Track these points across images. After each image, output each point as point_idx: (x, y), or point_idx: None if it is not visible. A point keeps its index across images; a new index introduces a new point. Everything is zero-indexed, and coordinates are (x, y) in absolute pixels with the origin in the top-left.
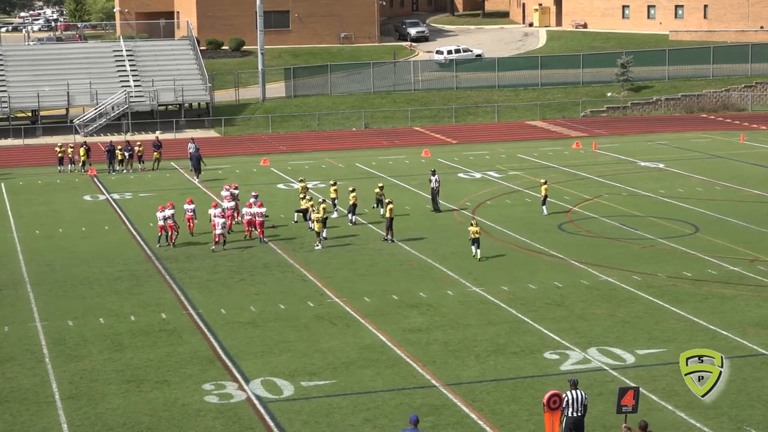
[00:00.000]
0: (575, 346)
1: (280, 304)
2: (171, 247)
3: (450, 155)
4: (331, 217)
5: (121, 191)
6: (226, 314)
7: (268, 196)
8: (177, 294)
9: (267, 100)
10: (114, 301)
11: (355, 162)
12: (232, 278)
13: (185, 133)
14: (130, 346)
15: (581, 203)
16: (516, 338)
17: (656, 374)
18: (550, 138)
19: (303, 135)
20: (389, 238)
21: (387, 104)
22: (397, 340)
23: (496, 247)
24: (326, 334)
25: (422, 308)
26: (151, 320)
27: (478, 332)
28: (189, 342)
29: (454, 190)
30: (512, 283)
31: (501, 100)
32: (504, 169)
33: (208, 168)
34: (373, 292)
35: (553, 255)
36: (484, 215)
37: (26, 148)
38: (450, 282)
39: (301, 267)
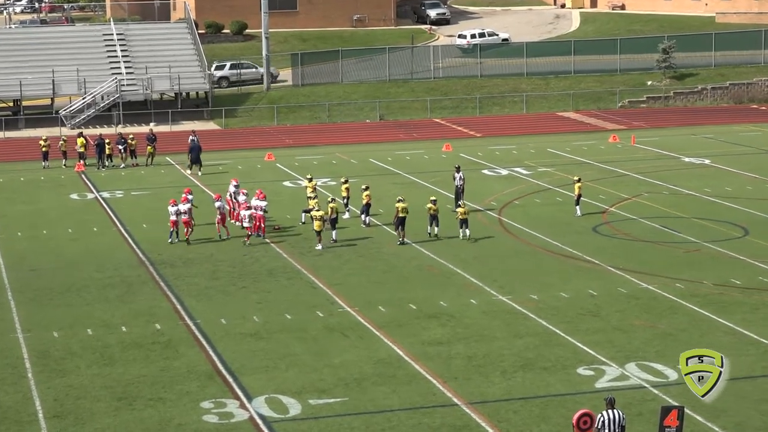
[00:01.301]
0: (612, 360)
1: (286, 314)
2: (186, 244)
3: (473, 150)
4: (342, 217)
5: (112, 189)
6: (227, 325)
7: (273, 194)
8: (173, 302)
9: (272, 89)
10: (104, 310)
11: (369, 157)
12: (234, 285)
13: (182, 125)
14: (121, 359)
15: (618, 203)
16: (546, 352)
17: None
18: (584, 131)
19: (311, 127)
20: (402, 240)
21: (404, 94)
22: (415, 353)
23: (525, 251)
24: (337, 347)
25: (443, 319)
26: (145, 331)
27: (505, 345)
28: (186, 355)
29: (478, 189)
30: (542, 292)
31: (530, 89)
32: (533, 166)
33: (207, 163)
34: (388, 300)
35: (588, 260)
36: (511, 216)
37: (7, 141)
38: (473, 290)
39: (310, 273)
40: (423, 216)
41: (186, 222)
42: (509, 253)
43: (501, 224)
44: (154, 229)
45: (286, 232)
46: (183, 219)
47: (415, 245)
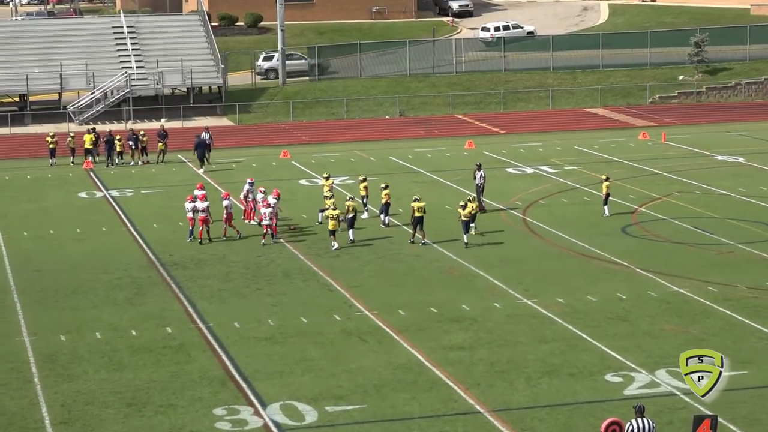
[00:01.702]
0: (641, 367)
1: (302, 317)
2: (208, 242)
3: (497, 147)
4: (361, 217)
5: (121, 187)
6: (241, 328)
7: (289, 193)
8: (184, 305)
9: (288, 83)
10: (112, 312)
11: (389, 155)
12: (248, 287)
13: (194, 121)
14: (131, 364)
15: (648, 203)
16: (573, 358)
17: (735, 400)
18: (613, 128)
19: (329, 124)
20: (415, 239)
21: (425, 89)
22: (436, 359)
23: (550, 252)
24: (355, 352)
25: (465, 323)
26: (155, 335)
27: (530, 351)
28: (198, 360)
29: (502, 188)
30: (569, 295)
31: (556, 84)
32: (559, 164)
33: (219, 162)
34: (408, 303)
35: (616, 262)
36: (536, 216)
37: (13, 137)
38: (497, 293)
39: (326, 275)
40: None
41: (204, 219)
42: (534, 255)
43: (526, 224)
44: (165, 229)
45: (302, 233)
46: (200, 217)
47: (436, 246)
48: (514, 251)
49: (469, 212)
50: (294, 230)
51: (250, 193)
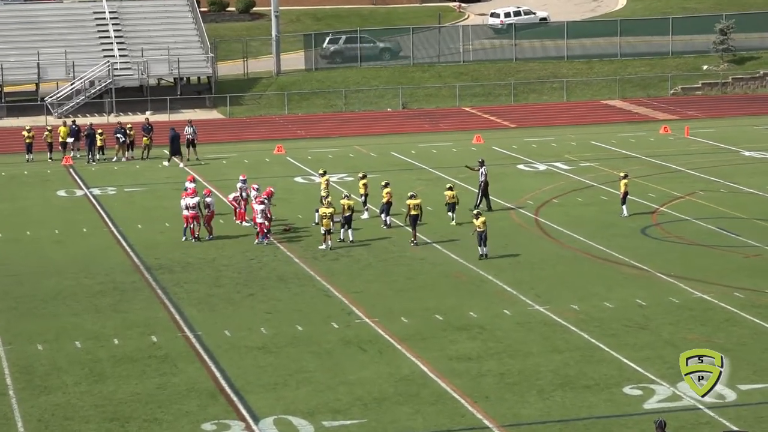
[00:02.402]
0: (662, 379)
1: (297, 325)
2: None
3: (508, 142)
4: (360, 217)
5: (103, 185)
6: (231, 337)
7: (284, 191)
8: (170, 312)
9: (282, 73)
10: (94, 320)
11: (391, 150)
12: (239, 293)
13: (181, 113)
14: (113, 375)
15: (670, 202)
16: (589, 369)
17: (763, 414)
18: (632, 121)
19: (326, 117)
20: (413, 240)
21: (430, 79)
22: (442, 370)
23: (565, 255)
24: (354, 363)
25: (473, 331)
26: (139, 344)
27: (542, 361)
28: (185, 371)
29: (512, 186)
30: (584, 301)
31: (571, 74)
32: (574, 160)
33: (208, 156)
34: (412, 310)
35: (635, 266)
36: (549, 216)
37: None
38: (507, 299)
39: (324, 279)
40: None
41: (194, 216)
42: (547, 258)
43: (538, 225)
44: (150, 230)
45: (297, 234)
46: (191, 213)
47: (441, 248)
48: (526, 254)
49: (483, 222)
50: (289, 231)
51: (243, 191)
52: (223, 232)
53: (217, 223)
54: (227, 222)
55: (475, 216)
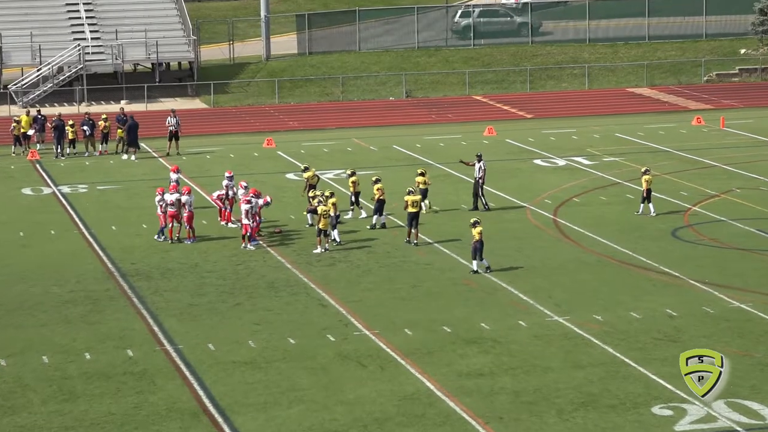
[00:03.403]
0: (695, 397)
1: (289, 338)
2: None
3: (523, 134)
4: (344, 217)
5: (73, 182)
6: (216, 351)
7: (275, 189)
8: (148, 323)
9: (272, 58)
10: (63, 332)
11: (393, 143)
12: (225, 302)
13: (160, 103)
14: (85, 394)
15: (704, 201)
16: (613, 386)
17: None
18: (661, 111)
19: (321, 106)
20: (409, 239)
21: (436, 64)
22: (450, 388)
23: (587, 260)
24: (353, 380)
25: (484, 344)
26: (114, 359)
27: (562, 378)
28: (165, 389)
29: (528, 183)
30: (608, 311)
31: (593, 59)
32: (597, 154)
33: (190, 152)
34: (417, 321)
35: (665, 272)
36: (569, 216)
37: None
38: (523, 308)
39: (319, 287)
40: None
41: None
42: (567, 264)
43: (557, 227)
44: (126, 233)
45: (289, 236)
46: (170, 212)
47: (449, 252)
48: (543, 259)
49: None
50: (280, 233)
51: (229, 188)
52: (207, 234)
53: (200, 225)
54: (212, 223)
55: (473, 224)
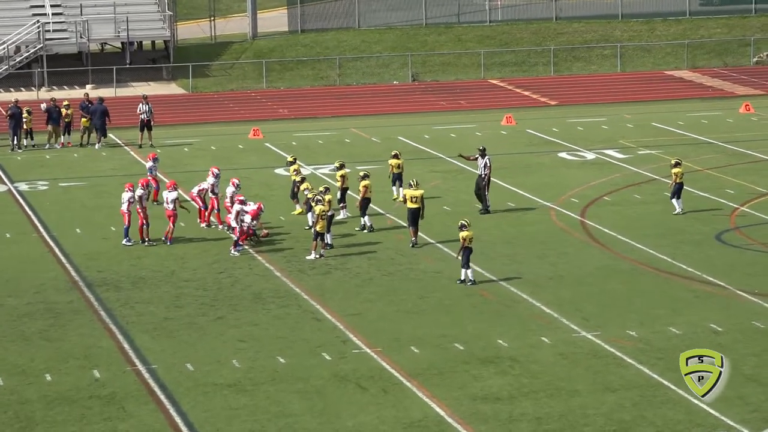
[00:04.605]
0: (743, 424)
1: (278, 357)
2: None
3: (546, 124)
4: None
5: (32, 179)
6: (195, 372)
7: (262, 187)
8: (118, 340)
9: (259, 36)
10: (19, 351)
11: (398, 134)
12: (205, 315)
13: (131, 87)
14: (45, 421)
15: (753, 200)
16: (650, 412)
17: None
18: (704, 97)
19: (315, 92)
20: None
21: (447, 44)
22: (463, 413)
23: (619, 268)
24: (351, 404)
25: (502, 364)
26: (78, 381)
27: (590, 402)
28: (136, 415)
29: (552, 179)
30: (644, 326)
31: (626, 37)
32: (631, 146)
33: (165, 144)
34: (424, 338)
35: (709, 281)
36: (599, 218)
37: None
38: (546, 323)
39: (312, 298)
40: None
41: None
42: (597, 271)
43: (585, 229)
44: (92, 236)
45: (277, 240)
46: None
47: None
48: (569, 266)
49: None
50: (266, 237)
51: (215, 186)
52: (184, 236)
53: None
54: (189, 225)
55: (461, 227)
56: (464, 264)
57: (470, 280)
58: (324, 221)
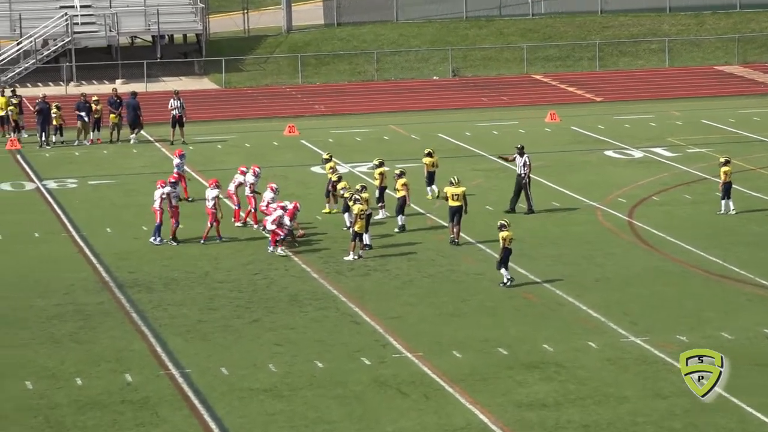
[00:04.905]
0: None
1: (316, 361)
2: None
3: (591, 121)
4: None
5: (61, 176)
6: (230, 376)
7: (298, 185)
8: (150, 343)
9: (294, 30)
10: (49, 353)
11: (438, 131)
12: (240, 318)
13: (162, 82)
14: (75, 426)
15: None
16: (701, 420)
17: None
18: (757, 93)
19: (352, 87)
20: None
21: (488, 38)
22: (507, 421)
23: (668, 270)
24: (391, 410)
25: (547, 369)
26: (109, 385)
27: (640, 409)
28: (169, 420)
29: (598, 178)
30: (694, 330)
31: (675, 31)
32: (680, 144)
33: (197, 140)
34: (467, 342)
35: (762, 284)
36: (647, 218)
37: None
38: (593, 327)
39: (351, 300)
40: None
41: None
42: (645, 274)
43: (632, 230)
44: (123, 236)
45: (314, 240)
46: (208, 209)
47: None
48: (616, 268)
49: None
50: (303, 237)
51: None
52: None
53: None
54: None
55: (501, 227)
56: (502, 264)
57: (509, 280)
58: (362, 221)
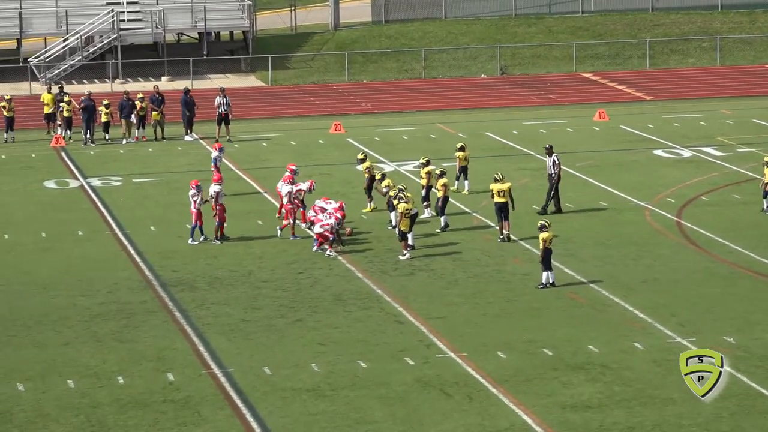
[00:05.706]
0: None
1: (359, 361)
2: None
3: (641, 120)
4: (421, 216)
5: (105, 174)
6: (273, 376)
7: (343, 184)
8: (193, 342)
9: (341, 27)
10: (92, 352)
11: (485, 130)
12: (283, 317)
13: (208, 80)
14: (117, 425)
15: None
16: (748, 423)
17: None
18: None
19: (399, 85)
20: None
21: (537, 35)
22: (552, 422)
23: (716, 271)
24: (435, 411)
25: (593, 370)
26: (151, 384)
27: (686, 411)
28: (211, 420)
29: (647, 178)
30: (743, 332)
31: (727, 29)
32: (730, 144)
33: (243, 138)
34: (511, 343)
35: None
36: (696, 219)
37: None
38: (639, 328)
39: (395, 300)
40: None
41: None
42: (693, 275)
43: (681, 230)
44: (167, 234)
45: (359, 239)
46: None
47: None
48: (664, 269)
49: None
50: (350, 236)
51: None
52: (262, 235)
53: (255, 224)
54: (267, 222)
55: (541, 228)
56: (545, 266)
57: (549, 283)
58: (408, 219)
